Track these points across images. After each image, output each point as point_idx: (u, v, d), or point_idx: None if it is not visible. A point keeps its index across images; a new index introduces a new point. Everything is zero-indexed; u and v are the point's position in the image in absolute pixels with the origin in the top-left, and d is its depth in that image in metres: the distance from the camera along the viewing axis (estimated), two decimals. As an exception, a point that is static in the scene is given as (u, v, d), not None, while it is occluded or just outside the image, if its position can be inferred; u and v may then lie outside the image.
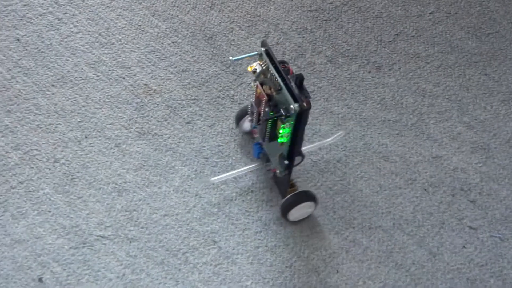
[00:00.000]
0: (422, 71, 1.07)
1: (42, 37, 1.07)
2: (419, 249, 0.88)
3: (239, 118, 0.95)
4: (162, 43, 1.08)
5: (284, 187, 0.88)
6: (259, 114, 0.85)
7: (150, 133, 0.97)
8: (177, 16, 1.12)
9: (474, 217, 0.91)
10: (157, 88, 1.02)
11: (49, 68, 1.04)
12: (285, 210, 0.87)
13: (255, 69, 0.82)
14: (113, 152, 0.95)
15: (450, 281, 0.85)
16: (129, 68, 1.05)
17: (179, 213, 0.89)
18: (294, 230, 0.88)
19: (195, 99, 1.01)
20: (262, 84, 0.83)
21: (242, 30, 1.11)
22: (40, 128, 0.97)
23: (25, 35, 1.08)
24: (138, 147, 0.96)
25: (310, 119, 0.99)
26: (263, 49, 0.81)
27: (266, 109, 0.82)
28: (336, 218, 0.90)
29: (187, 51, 1.07)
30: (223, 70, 1.05)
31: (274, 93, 0.81)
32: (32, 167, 0.93)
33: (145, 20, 1.11)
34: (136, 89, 1.02)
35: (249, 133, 0.96)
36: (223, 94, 1.02)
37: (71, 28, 1.09)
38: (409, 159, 0.96)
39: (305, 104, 0.76)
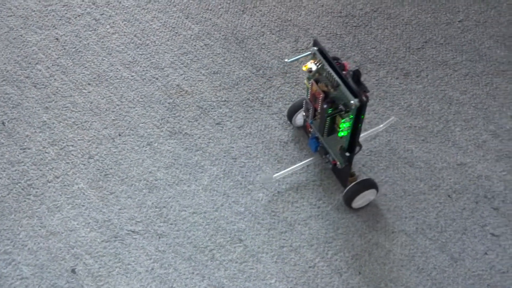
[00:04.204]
0: (450, 79, 1.08)
1: (80, 37, 1.11)
2: (441, 254, 0.89)
3: (292, 113, 0.98)
4: (195, 45, 1.11)
5: (345, 178, 0.91)
6: (315, 110, 0.88)
7: (181, 132, 1.00)
8: (210, 19, 1.15)
9: (497, 225, 0.92)
10: (189, 89, 1.05)
11: (85, 67, 1.08)
12: (349, 199, 0.90)
13: (310, 68, 0.84)
14: (145, 150, 0.98)
15: (471, 286, 0.87)
16: (163, 69, 1.08)
17: (207, 211, 0.92)
18: (318, 231, 0.91)
19: (225, 100, 1.04)
20: (317, 82, 0.85)
21: (273, 34, 1.13)
22: (76, 125, 1.01)
23: (64, 34, 1.12)
24: (169, 146, 0.99)
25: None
26: (315, 48, 0.83)
27: (325, 106, 0.84)
28: (360, 221, 0.92)
29: (218, 54, 1.10)
30: (253, 73, 1.07)
31: (330, 90, 0.83)
32: (68, 163, 0.96)
33: (179, 22, 1.14)
34: (168, 90, 1.05)
35: (303, 128, 0.99)
36: (253, 97, 1.05)
37: (107, 29, 1.13)
38: (434, 165, 0.97)
39: (364, 98, 0.79)
